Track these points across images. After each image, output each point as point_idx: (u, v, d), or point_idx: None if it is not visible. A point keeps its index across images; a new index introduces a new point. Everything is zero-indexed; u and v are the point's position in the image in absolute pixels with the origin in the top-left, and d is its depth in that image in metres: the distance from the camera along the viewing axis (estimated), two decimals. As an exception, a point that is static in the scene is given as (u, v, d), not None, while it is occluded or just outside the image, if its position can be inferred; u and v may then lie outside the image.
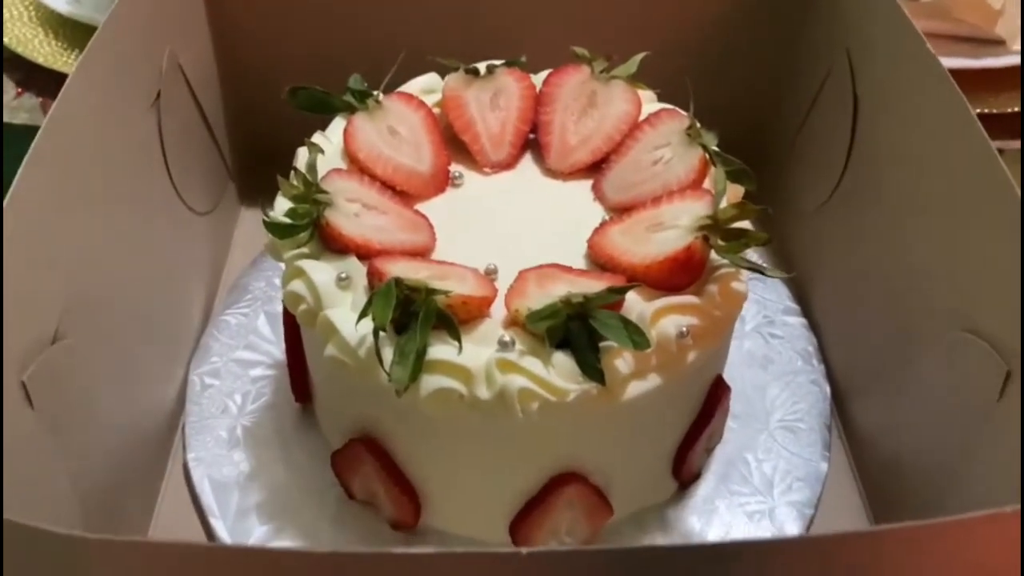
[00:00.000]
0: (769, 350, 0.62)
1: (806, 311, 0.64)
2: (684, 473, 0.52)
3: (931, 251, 0.50)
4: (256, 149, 0.72)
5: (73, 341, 0.44)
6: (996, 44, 0.83)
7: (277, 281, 0.65)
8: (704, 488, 0.54)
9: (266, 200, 0.58)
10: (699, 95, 0.50)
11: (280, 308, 0.63)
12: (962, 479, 0.45)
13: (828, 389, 0.59)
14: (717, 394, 0.50)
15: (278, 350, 0.61)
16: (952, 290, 0.47)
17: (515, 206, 0.52)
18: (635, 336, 0.41)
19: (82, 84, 0.47)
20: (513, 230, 0.50)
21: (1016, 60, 0.81)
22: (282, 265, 0.48)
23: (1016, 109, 0.80)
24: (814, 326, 0.63)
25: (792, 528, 0.52)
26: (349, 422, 0.49)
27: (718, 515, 0.53)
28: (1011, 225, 0.42)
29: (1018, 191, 0.42)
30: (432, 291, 0.41)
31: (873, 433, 0.56)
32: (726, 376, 0.52)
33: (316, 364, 0.51)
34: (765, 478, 0.55)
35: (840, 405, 0.59)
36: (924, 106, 0.51)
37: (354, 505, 0.52)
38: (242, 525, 0.52)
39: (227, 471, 0.54)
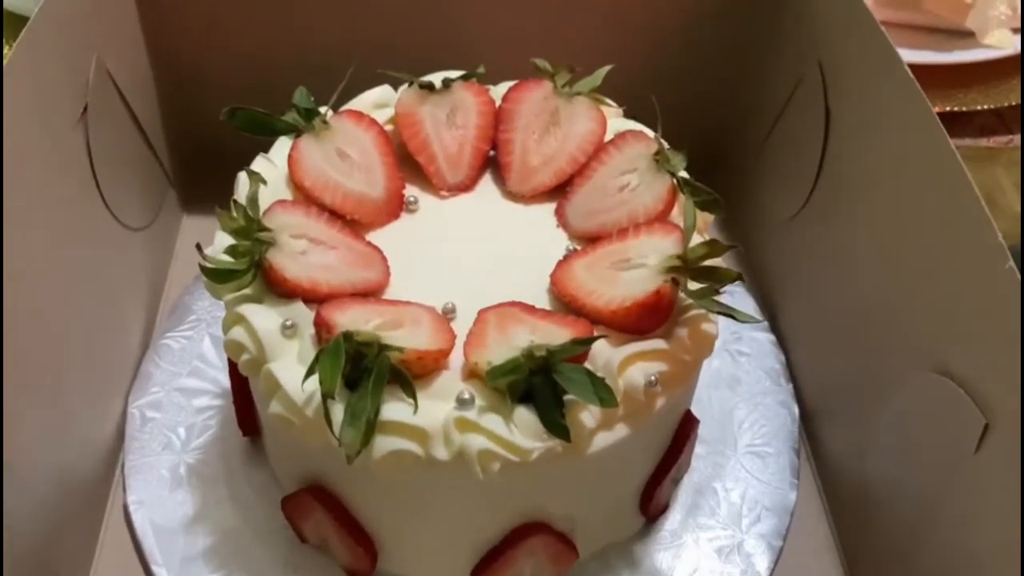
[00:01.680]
0: (737, 369, 0.60)
1: (774, 324, 0.63)
2: (652, 508, 0.51)
3: (903, 282, 0.48)
4: (198, 153, 0.68)
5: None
6: (966, 36, 0.81)
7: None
8: (671, 522, 0.52)
9: (210, 206, 0.54)
10: (665, 102, 0.47)
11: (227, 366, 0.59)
12: (936, 512, 0.44)
13: (796, 410, 0.58)
14: (686, 430, 0.49)
15: (225, 376, 0.58)
16: (925, 328, 0.45)
17: (473, 233, 0.49)
18: (602, 393, 0.38)
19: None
20: (472, 261, 0.47)
21: (987, 55, 0.80)
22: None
23: (985, 107, 0.78)
24: (782, 340, 0.62)
25: (761, 562, 0.51)
26: (298, 471, 0.46)
27: (686, 550, 0.51)
28: (990, 271, 0.40)
29: (993, 222, 0.40)
30: (384, 347, 0.38)
31: (842, 457, 0.55)
32: (694, 397, 0.50)
33: (263, 410, 0.48)
34: (733, 508, 0.53)
35: (808, 426, 0.58)
36: (899, 129, 0.49)
37: (307, 548, 0.50)
38: (188, 573, 0.49)
39: (170, 513, 0.51)
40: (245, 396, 0.51)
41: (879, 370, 0.50)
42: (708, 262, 0.43)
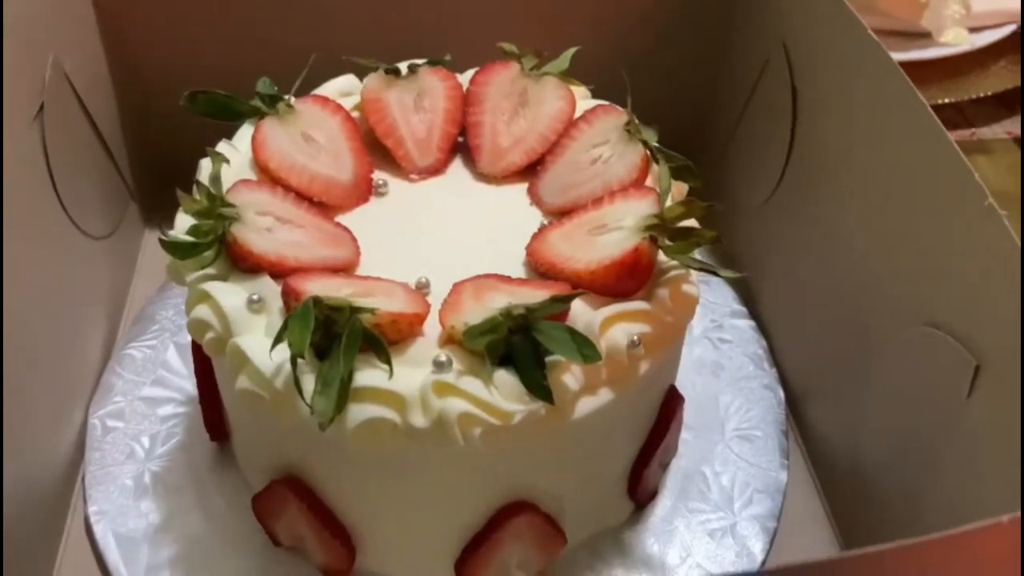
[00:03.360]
0: (719, 356, 0.59)
1: (754, 312, 0.62)
2: (640, 492, 0.49)
3: (884, 243, 0.47)
4: (160, 166, 0.66)
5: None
6: (922, 36, 0.83)
7: (188, 309, 0.59)
8: (661, 507, 0.51)
9: (173, 222, 0.52)
10: (633, 90, 0.46)
11: (190, 339, 0.57)
12: (929, 481, 0.43)
13: (782, 394, 0.57)
14: (671, 406, 0.47)
15: (191, 384, 0.55)
16: (909, 283, 0.45)
17: (446, 214, 0.48)
18: (584, 349, 0.37)
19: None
20: (445, 240, 0.46)
21: (944, 52, 0.81)
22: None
23: (945, 100, 0.79)
24: (763, 328, 0.61)
25: (756, 544, 0.49)
26: (269, 461, 0.44)
27: (678, 535, 0.49)
28: (971, 211, 0.39)
29: (976, 175, 0.40)
30: (357, 309, 0.37)
31: (831, 437, 0.53)
32: (678, 385, 0.48)
33: (230, 398, 0.46)
34: (724, 492, 0.52)
35: (795, 409, 0.57)
36: (867, 93, 0.49)
37: (281, 552, 0.47)
38: (154, 584, 0.46)
39: (134, 524, 0.49)
40: (212, 396, 0.49)
41: (864, 340, 0.49)
42: (685, 223, 0.42)
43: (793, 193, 0.58)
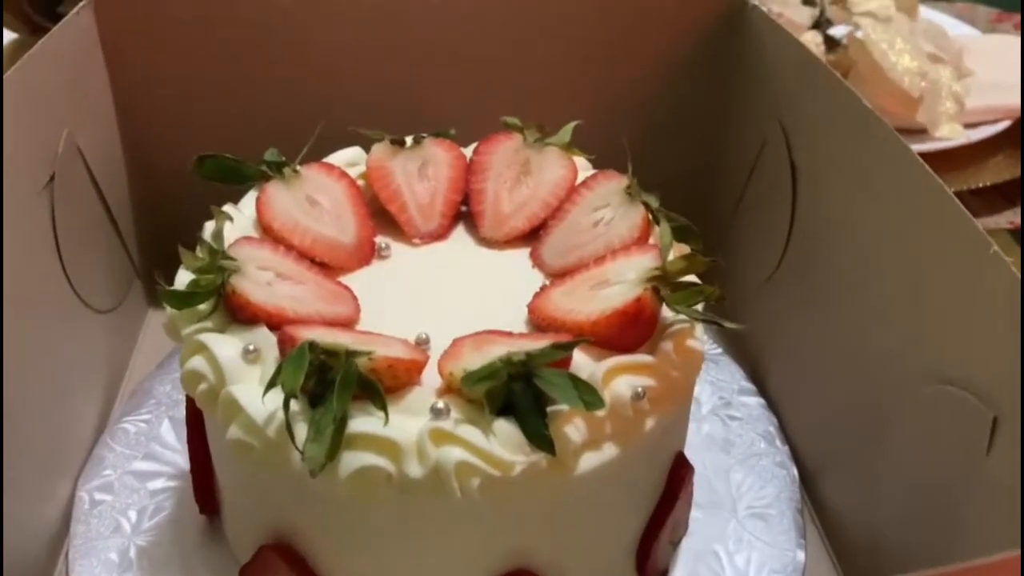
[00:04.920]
0: (728, 432, 0.57)
1: (762, 390, 0.60)
2: (649, 569, 0.46)
3: (891, 307, 0.47)
4: (167, 248, 0.66)
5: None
6: (918, 132, 0.85)
7: (185, 384, 0.58)
8: (672, 587, 0.48)
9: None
10: (632, 174, 0.47)
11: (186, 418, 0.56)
12: (951, 544, 0.40)
13: (795, 471, 0.55)
14: (680, 473, 0.45)
15: (183, 459, 0.53)
16: (920, 343, 0.44)
17: (448, 276, 0.48)
18: (586, 396, 0.36)
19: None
20: (446, 300, 0.46)
21: (940, 146, 0.83)
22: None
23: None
24: (772, 405, 0.59)
25: (774, 627, 0.46)
26: (259, 525, 0.42)
27: (690, 617, 0.46)
28: (977, 261, 0.39)
29: (979, 225, 0.40)
30: (353, 353, 0.36)
31: (848, 514, 0.51)
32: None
33: (220, 458, 0.44)
34: (739, 572, 0.49)
35: (809, 487, 0.55)
36: (865, 161, 0.50)
37: (268, 632, 0.44)
38: (132, 664, 0.43)
39: (116, 600, 0.46)
40: (204, 464, 0.47)
41: (877, 408, 0.48)
42: (687, 278, 0.42)
43: (796, 268, 0.58)
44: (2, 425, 0.42)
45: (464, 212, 0.52)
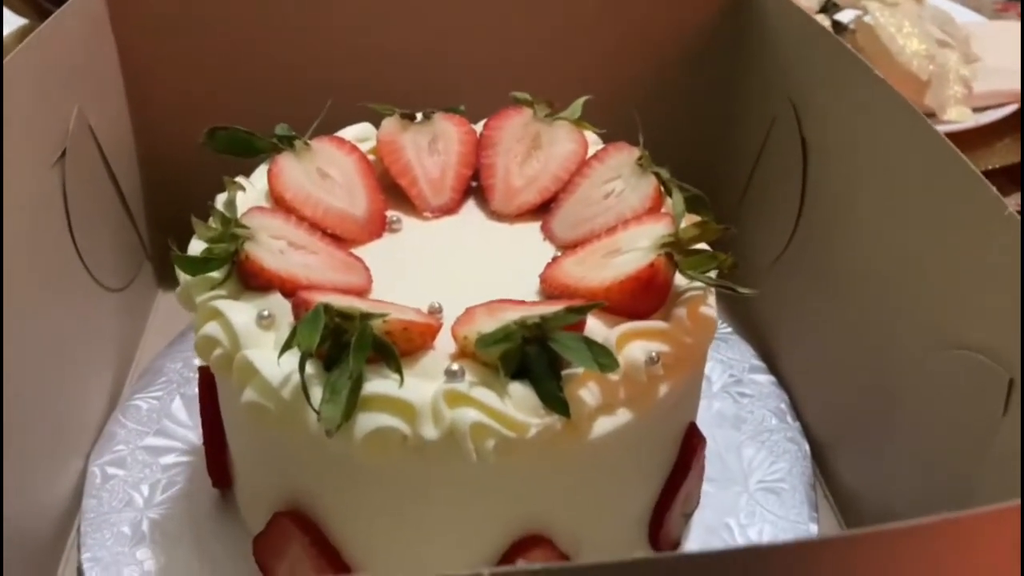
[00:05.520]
0: (740, 409, 0.57)
1: (773, 368, 0.60)
2: (662, 540, 0.46)
3: (904, 274, 0.47)
4: (176, 227, 0.67)
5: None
6: (926, 116, 0.84)
7: (197, 361, 0.58)
8: (685, 559, 0.48)
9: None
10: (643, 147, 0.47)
11: (197, 391, 0.56)
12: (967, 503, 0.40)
13: (807, 447, 0.55)
14: (692, 443, 0.45)
15: (195, 435, 0.54)
16: (934, 309, 0.44)
17: (459, 249, 0.48)
18: (601, 358, 0.36)
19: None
20: (458, 272, 0.46)
21: (948, 128, 0.83)
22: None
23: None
24: (783, 383, 0.59)
25: (787, 598, 0.46)
26: (272, 493, 0.42)
27: (703, 588, 0.46)
28: (991, 223, 0.39)
29: (992, 188, 0.40)
30: (367, 315, 0.36)
31: (860, 488, 0.51)
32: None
33: (234, 425, 0.44)
34: (750, 544, 0.49)
35: (821, 462, 0.54)
36: (877, 130, 0.50)
37: (281, 602, 0.44)
38: (145, 634, 0.43)
39: (129, 572, 0.46)
40: (217, 436, 0.48)
41: (890, 378, 0.48)
42: (700, 246, 0.42)
43: (806, 245, 0.58)
44: (2, 400, 0.42)
45: (474, 187, 0.52)
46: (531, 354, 0.36)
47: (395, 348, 0.36)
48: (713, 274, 0.41)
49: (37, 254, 0.49)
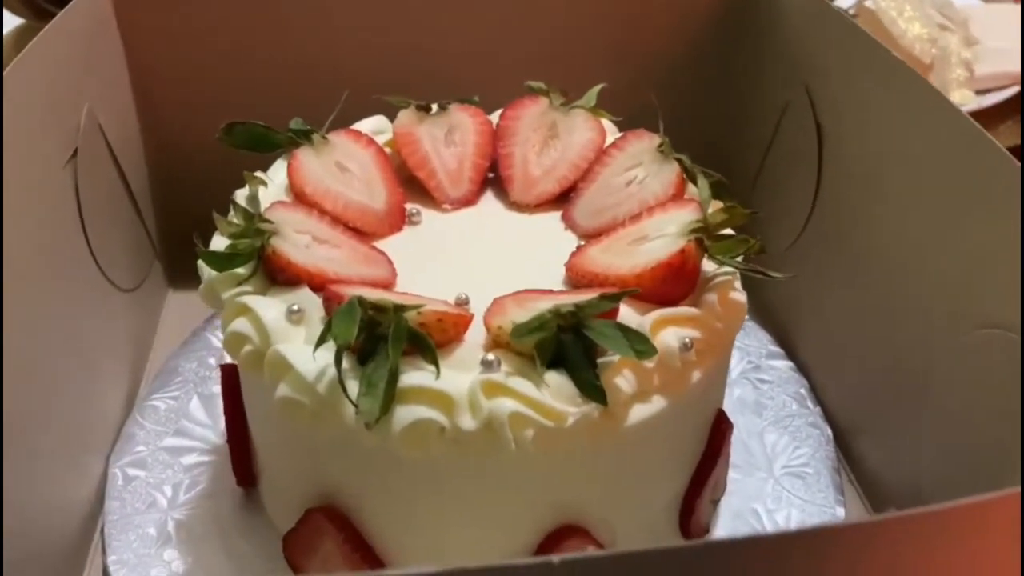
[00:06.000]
0: (760, 395, 0.57)
1: (790, 354, 0.60)
2: (692, 528, 0.46)
3: (927, 255, 0.47)
4: (186, 229, 0.66)
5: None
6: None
7: (212, 360, 0.58)
8: (714, 545, 0.48)
9: (197, 284, 0.49)
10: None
11: (217, 389, 0.56)
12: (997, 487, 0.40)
13: (830, 431, 0.55)
14: (721, 429, 0.45)
15: (215, 434, 0.53)
16: (959, 289, 0.44)
17: (481, 240, 0.47)
18: (638, 345, 0.36)
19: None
20: (481, 263, 0.46)
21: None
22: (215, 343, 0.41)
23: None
24: (802, 368, 0.59)
25: (818, 581, 0.46)
26: (304, 489, 0.41)
27: (734, 574, 0.46)
28: (1014, 199, 0.39)
29: (1015, 160, 0.40)
30: (401, 307, 0.35)
31: (886, 471, 0.51)
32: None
33: (263, 423, 0.44)
34: (780, 529, 0.49)
35: (844, 447, 0.54)
36: (895, 110, 0.49)
37: (312, 599, 0.44)
38: (176, 635, 0.43)
39: (156, 572, 0.46)
40: (241, 434, 0.47)
41: (915, 360, 0.48)
42: (727, 231, 0.42)
43: (822, 230, 0.58)
44: (22, 402, 0.42)
45: (492, 177, 0.51)
46: (566, 343, 0.36)
47: (431, 340, 0.36)
48: (740, 259, 0.41)
49: (51, 254, 0.49)
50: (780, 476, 0.52)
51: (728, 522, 0.49)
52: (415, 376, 0.35)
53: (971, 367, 0.43)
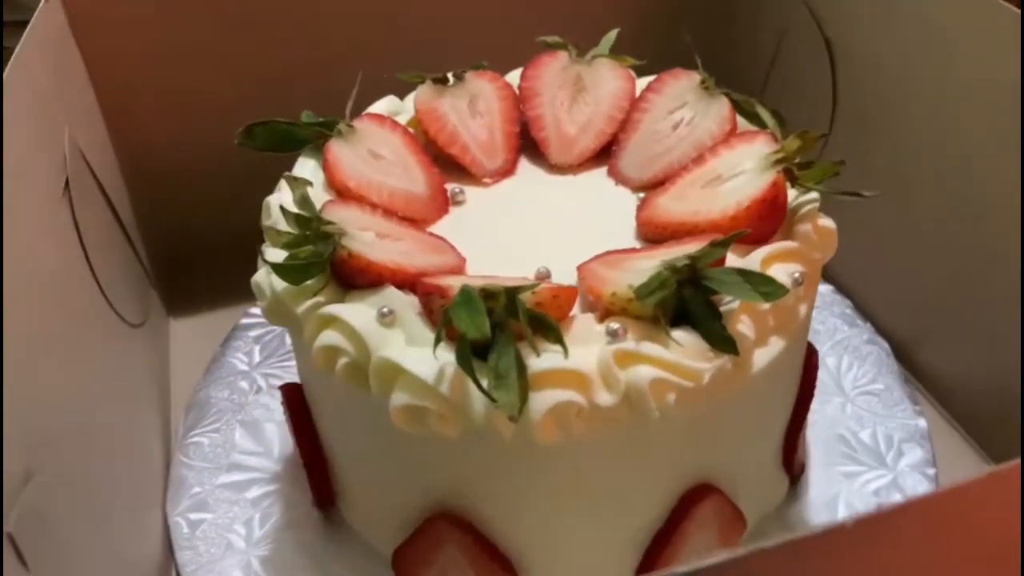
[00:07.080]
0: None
1: (827, 277, 0.60)
2: (795, 463, 0.45)
3: (970, 153, 0.46)
4: (175, 254, 0.62)
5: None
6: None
7: (244, 384, 0.54)
8: (814, 478, 0.47)
9: (196, 309, 0.46)
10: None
11: (258, 414, 0.52)
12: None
13: (887, 345, 0.55)
14: (813, 361, 0.44)
15: (271, 461, 0.50)
16: (1008, 185, 0.44)
17: (533, 209, 0.45)
18: (762, 287, 0.34)
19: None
20: (542, 233, 0.43)
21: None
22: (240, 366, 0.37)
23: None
24: (842, 290, 0.59)
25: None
26: (412, 499, 0.39)
27: (843, 502, 0.46)
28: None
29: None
30: (515, 290, 0.33)
31: (952, 373, 0.52)
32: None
33: (354, 438, 0.41)
34: (870, 449, 0.49)
35: (901, 356, 0.55)
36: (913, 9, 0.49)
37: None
38: None
39: (256, 616, 0.42)
40: (316, 455, 0.44)
41: (973, 258, 0.48)
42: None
43: (844, 147, 0.57)
44: (75, 464, 0.38)
45: (524, 143, 0.49)
46: (688, 297, 0.34)
47: (551, 318, 0.33)
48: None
49: (65, 297, 0.44)
50: (854, 397, 0.52)
51: (821, 451, 0.49)
52: (541, 359, 0.33)
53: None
